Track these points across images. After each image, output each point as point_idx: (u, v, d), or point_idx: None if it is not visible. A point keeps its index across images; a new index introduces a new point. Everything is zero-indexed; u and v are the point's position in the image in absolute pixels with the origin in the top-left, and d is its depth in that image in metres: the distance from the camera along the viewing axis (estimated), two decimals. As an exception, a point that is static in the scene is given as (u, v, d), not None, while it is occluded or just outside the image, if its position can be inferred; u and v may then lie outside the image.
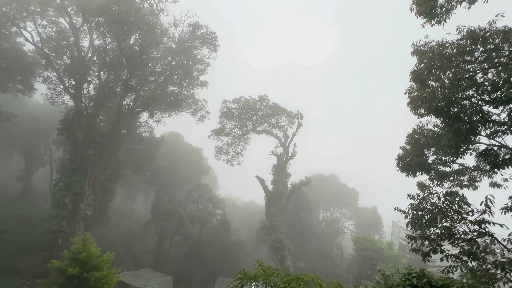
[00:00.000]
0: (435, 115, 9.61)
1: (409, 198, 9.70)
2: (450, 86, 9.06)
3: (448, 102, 8.87)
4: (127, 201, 68.98)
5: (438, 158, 11.06)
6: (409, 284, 6.35)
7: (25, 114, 45.00)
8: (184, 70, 35.85)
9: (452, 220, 8.59)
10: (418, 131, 11.80)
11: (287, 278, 6.54)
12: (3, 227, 31.43)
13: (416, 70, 10.88)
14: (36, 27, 29.52)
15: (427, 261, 8.76)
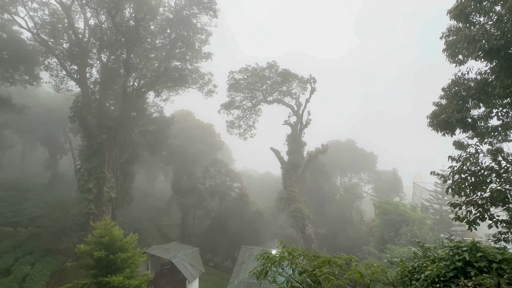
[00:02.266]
0: (486, 58, 7.77)
1: (450, 160, 8.37)
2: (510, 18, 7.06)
3: (508, 39, 6.97)
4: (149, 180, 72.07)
5: (488, 111, 9.35)
6: (460, 259, 5.36)
7: (39, 105, 45.76)
8: (185, 42, 33.65)
9: (506, 182, 7.29)
10: (458, 81, 9.96)
11: (317, 261, 5.77)
12: (40, 213, 33.73)
13: (459, 4, 8.76)
14: (27, 11, 28.08)
15: (474, 229, 7.69)
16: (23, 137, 52.01)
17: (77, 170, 32.95)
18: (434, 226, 30.69)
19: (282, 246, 6.63)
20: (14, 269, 23.02)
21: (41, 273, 23.65)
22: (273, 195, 54.93)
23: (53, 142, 51.13)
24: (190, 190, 45.59)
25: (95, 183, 30.54)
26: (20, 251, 26.04)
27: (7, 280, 21.54)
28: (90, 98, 30.86)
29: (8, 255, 24.77)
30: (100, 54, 32.39)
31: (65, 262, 26.50)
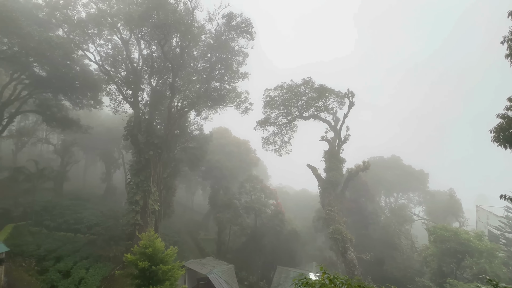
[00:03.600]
0: None
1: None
2: None
3: None
4: (188, 194, 75.53)
5: None
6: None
7: (100, 125, 52.54)
8: (224, 65, 35.92)
9: None
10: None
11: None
12: (96, 221, 37.41)
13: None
14: (95, 47, 33.40)
15: None
16: (86, 153, 59.77)
17: (127, 183, 36.25)
18: (508, 260, 25.60)
19: (322, 272, 6.17)
20: (73, 272, 25.59)
21: (93, 278, 25.82)
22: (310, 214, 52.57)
23: (109, 157, 57.63)
24: (226, 205, 46.38)
25: (142, 196, 33.08)
26: (78, 256, 28.98)
27: (66, 281, 24.01)
28: (140, 119, 34.40)
29: (68, 258, 27.75)
30: (150, 79, 36.38)
31: (114, 269, 28.60)
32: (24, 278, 23.28)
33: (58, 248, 29.05)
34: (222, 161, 53.59)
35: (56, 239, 30.93)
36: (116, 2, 31.52)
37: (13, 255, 24.74)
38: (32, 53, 26.77)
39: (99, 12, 30.61)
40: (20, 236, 28.64)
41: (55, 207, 35.76)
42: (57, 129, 39.42)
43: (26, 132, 46.95)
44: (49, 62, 28.43)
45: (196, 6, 29.33)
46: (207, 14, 32.60)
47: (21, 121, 50.18)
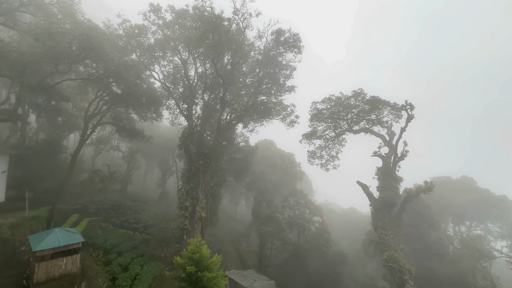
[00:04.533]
0: None
1: None
2: None
3: None
4: (232, 204, 77.58)
5: None
6: None
7: (159, 136, 58.75)
8: (271, 79, 36.83)
9: None
10: None
11: None
12: (151, 222, 41.10)
13: None
14: (160, 67, 38.11)
15: None
16: (146, 160, 67.22)
17: (179, 189, 39.23)
18: None
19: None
20: (130, 267, 28.34)
21: (146, 275, 28.11)
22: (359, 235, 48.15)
23: (165, 165, 63.63)
24: (268, 218, 45.93)
25: (191, 202, 35.27)
26: (135, 253, 32.08)
27: (124, 275, 26.66)
28: (193, 130, 37.34)
29: (127, 254, 30.92)
30: (203, 94, 39.54)
31: (163, 269, 30.71)
32: (93, 267, 26.73)
33: (120, 243, 32.66)
34: (266, 173, 53.85)
35: (119, 235, 34.93)
36: (179, 28, 35.67)
37: (86, 245, 28.74)
38: (112, 74, 32.00)
39: (164, 38, 35.10)
40: (93, 229, 33.26)
41: (120, 206, 40.69)
42: (126, 138, 45.58)
43: (103, 140, 55.50)
44: (124, 82, 33.49)
45: (247, 26, 31.20)
46: (257, 32, 34.31)
47: (100, 131, 59.57)
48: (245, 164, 46.69)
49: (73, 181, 40.58)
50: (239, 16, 30.44)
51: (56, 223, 30.08)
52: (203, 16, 30.16)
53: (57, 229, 22.11)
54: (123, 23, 34.97)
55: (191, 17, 34.75)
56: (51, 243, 20.51)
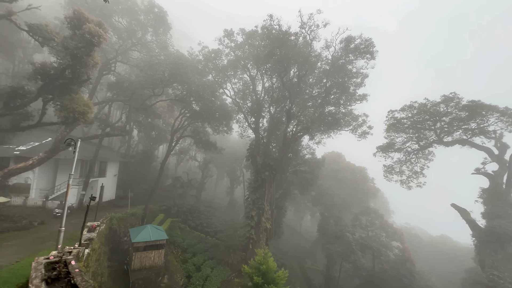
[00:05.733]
0: None
1: None
2: None
3: None
4: (296, 218, 75.61)
5: None
6: None
7: (228, 148, 63.50)
8: (340, 88, 35.10)
9: None
10: None
11: None
12: (220, 228, 44.06)
13: None
14: (231, 85, 41.71)
15: None
16: (218, 170, 73.31)
17: (245, 199, 40.92)
18: None
19: None
20: (202, 268, 30.80)
21: (216, 278, 29.92)
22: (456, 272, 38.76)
23: (233, 174, 67.86)
24: (337, 237, 42.48)
25: (257, 213, 36.14)
26: (207, 255, 34.77)
27: (198, 275, 29.12)
28: (260, 142, 38.77)
29: (200, 256, 33.79)
30: (269, 107, 40.89)
31: (231, 274, 32.04)
32: (173, 262, 30.27)
33: (194, 244, 36.05)
34: (333, 187, 50.55)
35: (194, 237, 38.68)
36: (248, 48, 38.58)
37: (169, 242, 32.95)
38: (193, 94, 36.94)
39: (235, 58, 38.49)
40: (174, 229, 37.97)
41: (195, 210, 45.29)
42: (201, 150, 51.08)
43: (184, 151, 63.85)
44: (201, 100, 38.14)
45: (314, 37, 31.05)
46: (324, 43, 33.64)
47: (181, 143, 68.90)
48: (310, 177, 45.08)
49: (160, 186, 47.76)
50: (306, 29, 30.67)
51: (148, 220, 35.74)
52: (270, 34, 31.73)
53: (149, 226, 26.18)
54: (202, 50, 40.26)
55: (259, 37, 37.11)
56: (144, 237, 24.39)
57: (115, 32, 40.11)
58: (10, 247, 14.12)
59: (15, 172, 24.40)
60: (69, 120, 21.59)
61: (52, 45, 22.99)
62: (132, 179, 44.94)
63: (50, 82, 21.46)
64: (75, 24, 21.93)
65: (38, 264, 5.58)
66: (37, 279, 4.78)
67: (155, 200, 43.51)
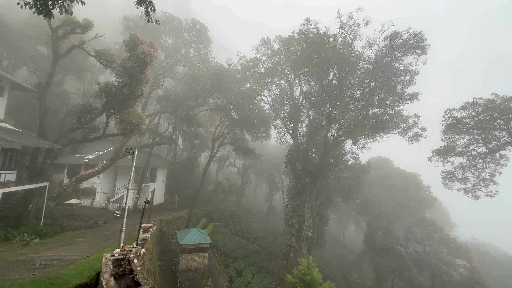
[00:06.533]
0: None
1: None
2: None
3: None
4: (339, 227, 71.55)
5: None
6: None
7: (267, 154, 63.80)
8: (386, 88, 32.59)
9: None
10: None
11: None
12: (260, 234, 44.05)
13: None
14: (268, 91, 42.11)
15: None
16: (256, 176, 74.06)
17: (285, 206, 40.31)
18: None
19: None
20: (244, 274, 31.03)
21: (257, 285, 29.77)
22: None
23: (272, 181, 67.73)
24: (387, 250, 38.80)
25: (297, 220, 35.24)
26: (247, 261, 34.97)
27: (239, 280, 29.41)
28: (299, 148, 38.05)
29: (241, 261, 34.15)
30: (308, 112, 40.01)
31: (272, 282, 31.57)
32: (216, 266, 31.19)
33: (235, 249, 36.65)
34: (381, 195, 46.63)
35: (235, 242, 39.38)
36: (285, 54, 38.64)
37: (211, 246, 34.16)
38: (232, 103, 38.32)
39: (272, 65, 38.87)
40: (216, 233, 39.27)
41: (235, 216, 46.24)
42: (241, 156, 52.33)
43: (224, 158, 66.26)
44: (240, 108, 39.28)
45: (354, 37, 29.63)
46: (366, 41, 31.84)
47: (222, 150, 71.67)
48: (354, 184, 42.40)
49: (203, 191, 50.15)
50: (345, 29, 29.50)
51: (192, 224, 37.66)
52: (308, 38, 31.33)
53: (194, 229, 27.55)
54: (240, 59, 41.69)
55: (296, 42, 36.92)
56: (190, 240, 25.72)
57: (163, 51, 44.27)
58: (82, 243, 16.27)
59: (85, 177, 28.27)
60: (127, 131, 24.28)
61: (113, 66, 26.39)
62: (178, 185, 48.14)
63: (112, 99, 24.53)
64: (131, 46, 24.82)
65: (107, 260, 6.23)
66: (107, 274, 5.31)
67: (199, 204, 45.75)
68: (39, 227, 20.84)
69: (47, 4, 8.81)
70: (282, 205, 57.70)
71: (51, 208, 24.73)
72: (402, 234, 41.93)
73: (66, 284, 6.63)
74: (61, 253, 12.16)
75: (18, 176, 21.65)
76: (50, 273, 7.62)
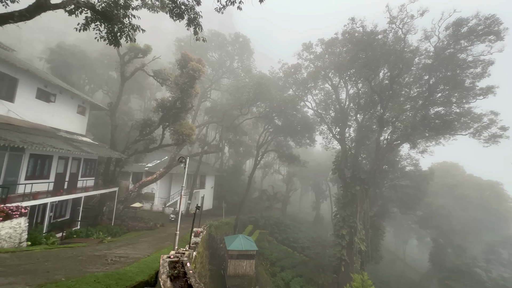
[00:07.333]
0: None
1: None
2: None
3: None
4: (398, 241, 64.08)
5: None
6: None
7: (312, 160, 61.79)
8: (450, 84, 28.45)
9: None
10: None
11: None
12: (307, 244, 42.40)
13: None
14: (312, 96, 41.10)
15: None
16: (302, 183, 72.17)
17: (334, 216, 38.06)
18: None
19: None
20: (292, 285, 30.06)
21: (306, 298, 28.55)
22: None
23: (318, 188, 65.05)
24: (460, 272, 33.03)
25: (348, 231, 32.83)
26: (295, 271, 33.81)
27: (287, 291, 28.64)
28: (347, 154, 35.82)
29: (289, 271, 33.21)
30: (356, 115, 37.53)
31: (322, 298, 29.79)
32: (263, 274, 31.01)
33: (282, 258, 35.90)
34: (449, 207, 40.29)
35: (281, 251, 38.65)
36: (328, 57, 37.38)
37: (257, 253, 34.19)
38: (275, 110, 38.53)
39: (315, 69, 37.96)
40: (262, 241, 39.24)
41: (281, 224, 45.56)
42: (285, 163, 51.87)
43: (268, 165, 66.60)
44: (283, 115, 39.19)
45: (408, 31, 26.92)
46: (422, 34, 28.57)
47: (266, 157, 72.24)
48: (414, 193, 37.71)
49: (248, 198, 51.00)
50: (396, 23, 27.05)
51: (239, 230, 38.46)
52: (353, 37, 29.74)
53: (241, 236, 28.07)
54: (282, 67, 41.91)
55: (340, 43, 35.42)
56: (237, 246, 26.23)
57: (209, 65, 47.53)
58: (143, 243, 18.10)
59: (146, 183, 31.69)
60: (179, 141, 26.51)
61: (168, 83, 29.40)
62: (225, 191, 50.06)
63: (167, 112, 27.21)
64: (182, 64, 27.31)
65: (164, 261, 6.72)
66: (164, 275, 5.70)
67: (244, 211, 46.62)
68: (111, 226, 24.00)
69: (116, 35, 10.36)
70: (330, 214, 54.67)
71: (120, 210, 28.31)
72: (481, 254, 35.17)
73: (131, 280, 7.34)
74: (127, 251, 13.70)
75: (95, 182, 25.51)
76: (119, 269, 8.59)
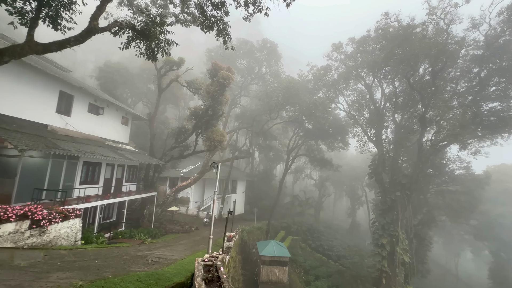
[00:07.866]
0: None
1: None
2: None
3: None
4: (448, 254, 57.55)
5: None
6: None
7: (346, 164, 59.07)
8: (506, 75, 25.03)
9: None
10: None
11: None
12: (343, 253, 40.30)
13: None
14: (344, 98, 39.55)
15: None
16: (335, 188, 69.27)
17: (372, 223, 35.64)
18: None
19: None
20: (327, 295, 28.75)
21: (343, 310, 26.97)
22: None
23: (353, 194, 61.69)
24: (531, 294, 28.21)
25: (388, 240, 30.43)
26: (330, 281, 32.20)
27: (322, 302, 27.38)
28: (384, 157, 33.47)
29: (323, 280, 31.77)
30: (393, 115, 35.07)
31: (361, 311, 27.89)
32: (296, 282, 30.15)
33: (316, 267, 34.55)
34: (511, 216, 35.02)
35: (315, 258, 37.26)
36: (360, 56, 35.75)
37: (290, 260, 33.40)
38: (305, 113, 37.84)
39: (346, 69, 36.55)
40: (295, 247, 38.31)
41: (314, 230, 44.06)
42: (317, 167, 50.43)
43: (299, 169, 65.32)
44: (313, 118, 38.28)
45: (451, 20, 24.50)
46: (469, 22, 25.77)
47: (297, 162, 71.02)
48: (466, 200, 33.61)
49: (280, 203, 50.44)
50: (437, 14, 24.83)
51: (271, 236, 38.14)
52: (387, 33, 28.07)
53: (273, 241, 27.77)
54: (311, 69, 41.18)
55: (373, 40, 33.68)
56: (269, 252, 25.98)
57: (238, 73, 48.78)
58: (180, 245, 18.96)
59: (181, 188, 33.32)
60: (211, 147, 27.48)
61: (200, 92, 30.84)
62: (256, 196, 50.22)
63: (199, 120, 28.48)
64: (213, 73, 28.46)
65: (199, 265, 6.93)
66: (199, 278, 5.86)
67: (276, 216, 46.17)
68: (151, 228, 25.64)
69: (153, 51, 11.25)
70: (367, 221, 51.35)
71: (158, 213, 30.14)
72: (558, 273, 29.72)
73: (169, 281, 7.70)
74: (166, 253, 14.47)
75: (137, 187, 27.60)
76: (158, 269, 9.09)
